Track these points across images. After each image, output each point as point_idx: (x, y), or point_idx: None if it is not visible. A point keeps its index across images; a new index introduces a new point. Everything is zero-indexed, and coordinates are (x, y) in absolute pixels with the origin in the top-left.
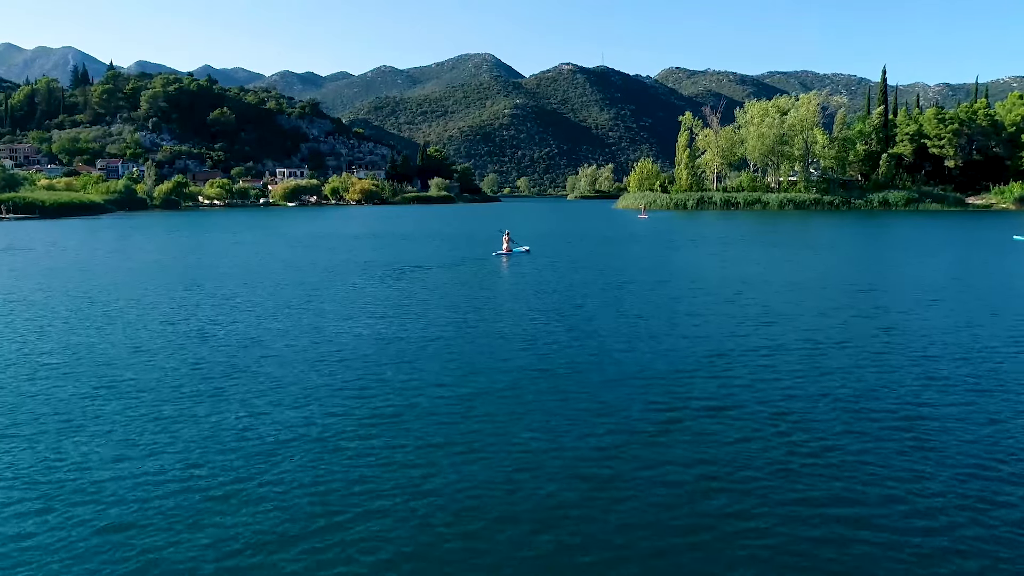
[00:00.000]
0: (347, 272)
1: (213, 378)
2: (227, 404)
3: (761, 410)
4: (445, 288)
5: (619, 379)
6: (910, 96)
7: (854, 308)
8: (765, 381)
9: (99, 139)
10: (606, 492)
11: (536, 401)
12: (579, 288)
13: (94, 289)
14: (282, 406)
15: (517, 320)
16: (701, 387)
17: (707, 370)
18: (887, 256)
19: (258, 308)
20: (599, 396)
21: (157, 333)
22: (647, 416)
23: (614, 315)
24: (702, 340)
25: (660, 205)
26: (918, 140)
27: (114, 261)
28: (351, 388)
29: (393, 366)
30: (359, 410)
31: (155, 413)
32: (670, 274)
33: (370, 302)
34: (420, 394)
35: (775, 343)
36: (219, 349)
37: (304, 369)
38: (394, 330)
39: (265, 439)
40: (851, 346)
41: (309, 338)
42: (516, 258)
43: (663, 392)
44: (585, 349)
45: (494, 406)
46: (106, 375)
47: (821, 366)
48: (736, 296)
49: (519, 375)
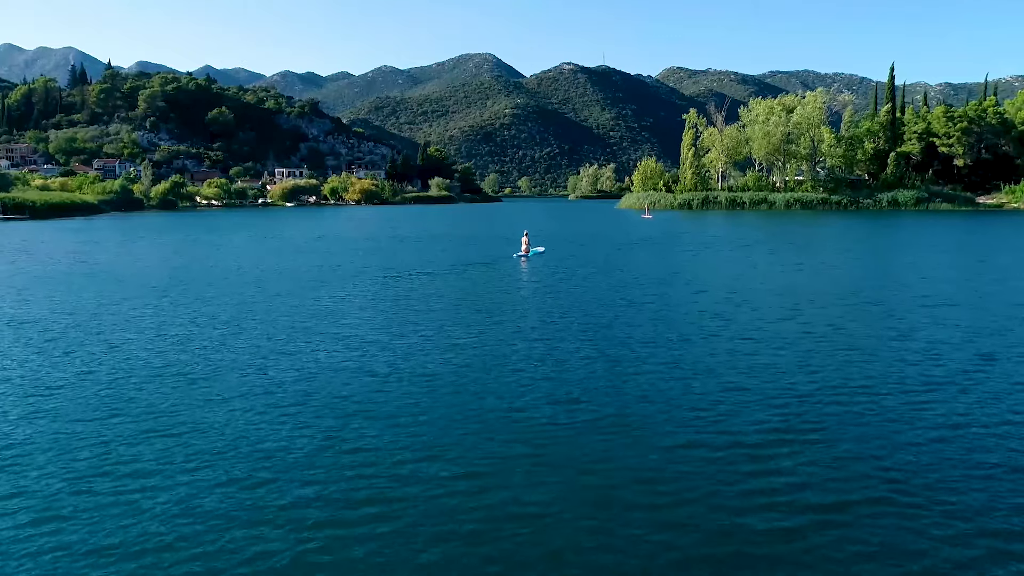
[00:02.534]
0: (333, 282)
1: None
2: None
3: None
4: (458, 307)
5: (686, 432)
6: (911, 95)
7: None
8: (863, 429)
9: (96, 139)
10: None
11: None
12: (612, 303)
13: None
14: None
15: (550, 349)
16: (783, 455)
17: (782, 423)
18: (950, 261)
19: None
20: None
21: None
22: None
23: (660, 337)
24: (766, 373)
25: (664, 205)
26: (926, 138)
27: (65, 266)
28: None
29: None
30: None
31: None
32: (707, 283)
33: (353, 325)
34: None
35: (859, 378)
36: (142, 384)
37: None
38: (396, 355)
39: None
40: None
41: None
42: (534, 265)
43: (744, 459)
44: (634, 385)
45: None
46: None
47: (936, 419)
48: (794, 313)
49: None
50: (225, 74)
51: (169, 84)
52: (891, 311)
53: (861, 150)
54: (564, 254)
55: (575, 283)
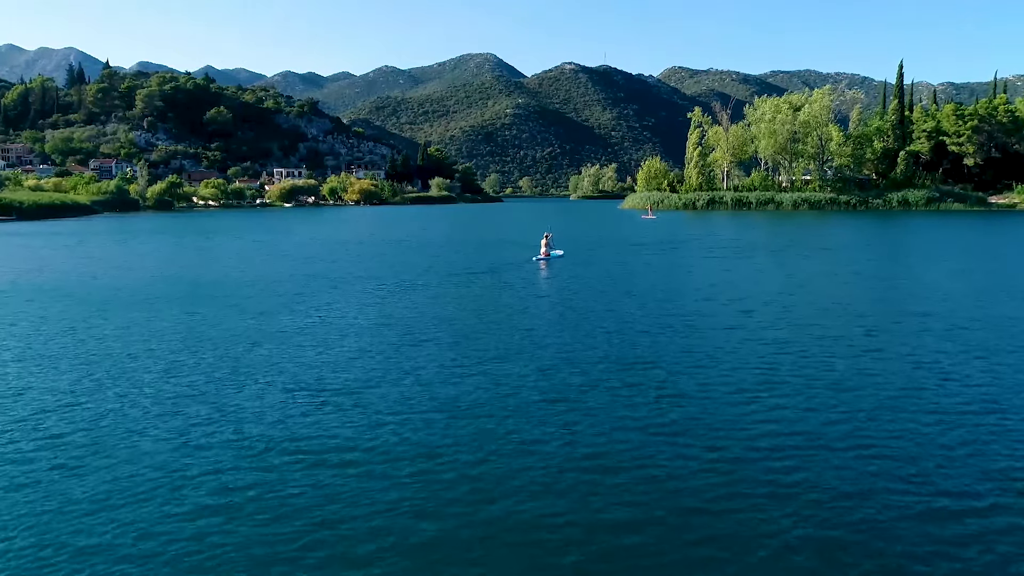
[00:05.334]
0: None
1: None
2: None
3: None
4: (465, 328)
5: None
6: (914, 94)
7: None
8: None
9: (93, 139)
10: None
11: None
12: (641, 318)
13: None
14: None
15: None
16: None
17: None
18: (1000, 268)
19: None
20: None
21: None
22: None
23: (703, 358)
24: (837, 412)
25: (669, 205)
26: (936, 137)
27: (13, 275)
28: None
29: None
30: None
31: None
32: (744, 292)
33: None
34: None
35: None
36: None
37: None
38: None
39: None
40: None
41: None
42: (556, 277)
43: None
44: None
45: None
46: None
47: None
48: (848, 331)
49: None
50: (226, 74)
51: (167, 84)
52: (988, 339)
53: (870, 149)
54: (581, 261)
55: (599, 298)
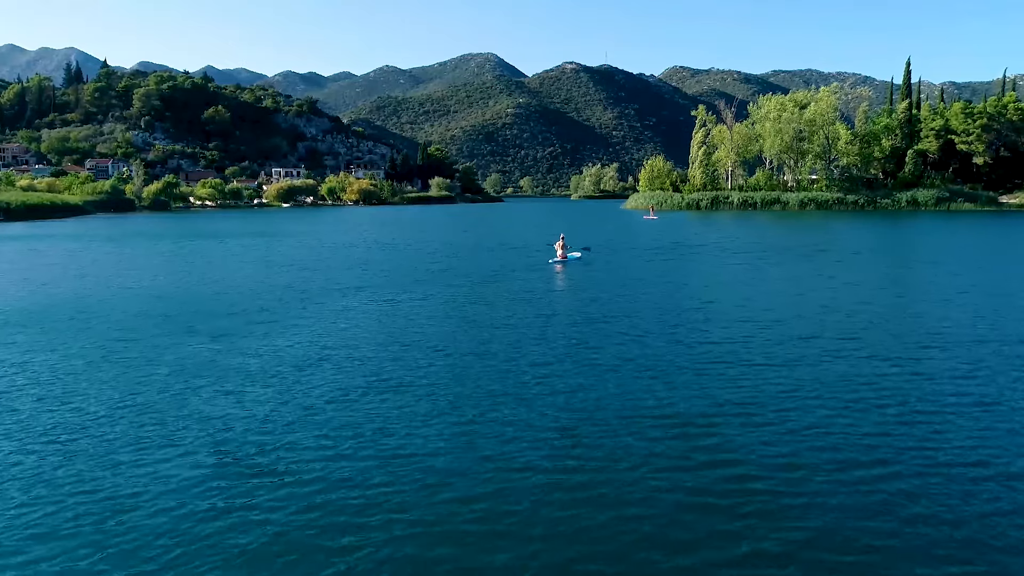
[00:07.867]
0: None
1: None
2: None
3: None
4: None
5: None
6: (918, 93)
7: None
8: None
9: (90, 138)
10: None
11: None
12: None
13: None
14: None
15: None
16: None
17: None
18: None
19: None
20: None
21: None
22: None
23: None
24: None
25: (672, 205)
26: (944, 136)
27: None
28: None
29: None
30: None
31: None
32: (787, 306)
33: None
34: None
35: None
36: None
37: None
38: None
39: None
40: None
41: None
42: (571, 275)
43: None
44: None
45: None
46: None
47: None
48: (920, 352)
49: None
50: (227, 74)
51: (165, 83)
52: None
53: (878, 147)
54: (597, 267)
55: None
